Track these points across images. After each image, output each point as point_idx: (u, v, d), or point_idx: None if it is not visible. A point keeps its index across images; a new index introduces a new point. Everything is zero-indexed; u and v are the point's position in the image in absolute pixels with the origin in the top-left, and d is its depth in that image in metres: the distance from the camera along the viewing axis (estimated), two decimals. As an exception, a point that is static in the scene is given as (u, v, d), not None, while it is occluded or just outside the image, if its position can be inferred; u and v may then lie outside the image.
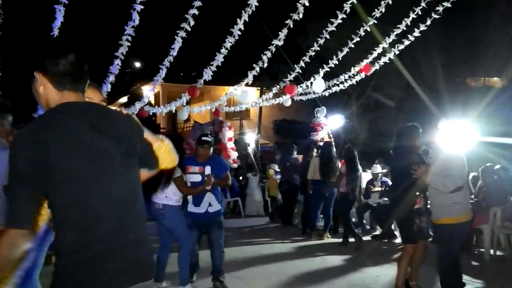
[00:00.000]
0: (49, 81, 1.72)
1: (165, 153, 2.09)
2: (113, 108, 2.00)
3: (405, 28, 7.61)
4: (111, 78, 6.68)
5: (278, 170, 12.04)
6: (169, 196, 4.94)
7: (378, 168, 9.76)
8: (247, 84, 8.25)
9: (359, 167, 8.23)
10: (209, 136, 5.35)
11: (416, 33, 7.78)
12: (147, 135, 1.99)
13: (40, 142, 1.60)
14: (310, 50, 7.59)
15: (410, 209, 4.62)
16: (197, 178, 5.18)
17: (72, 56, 1.73)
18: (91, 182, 1.68)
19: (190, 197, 5.25)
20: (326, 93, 9.56)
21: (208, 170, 5.16)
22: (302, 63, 7.87)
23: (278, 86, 8.83)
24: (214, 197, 5.25)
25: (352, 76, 9.06)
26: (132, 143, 1.84)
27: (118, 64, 6.48)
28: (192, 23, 6.13)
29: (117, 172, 1.75)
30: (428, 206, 4.64)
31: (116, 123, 1.81)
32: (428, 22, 7.54)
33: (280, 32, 6.84)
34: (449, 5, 7.00)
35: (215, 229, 5.29)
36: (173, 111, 9.03)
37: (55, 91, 1.73)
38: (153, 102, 22.14)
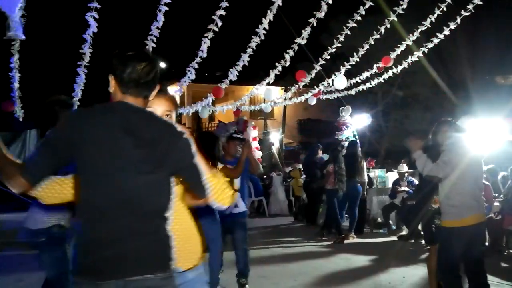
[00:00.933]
0: (117, 84, 1.95)
1: (217, 187, 1.99)
2: (159, 116, 2.07)
3: (429, 25, 7.47)
4: None
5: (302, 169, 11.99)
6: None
7: (404, 168, 9.62)
8: (269, 83, 8.23)
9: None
10: (240, 133, 5.35)
11: (446, 31, 7.64)
12: (202, 162, 1.99)
13: (73, 125, 1.87)
14: (329, 48, 7.53)
15: (430, 209, 4.52)
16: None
17: (139, 65, 1.93)
18: (101, 175, 1.83)
19: None
20: (352, 92, 9.46)
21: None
22: (322, 61, 7.80)
23: (297, 86, 8.77)
24: (241, 197, 5.25)
25: (375, 73, 8.94)
26: (159, 152, 1.88)
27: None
28: (219, 24, 6.15)
29: (127, 173, 1.84)
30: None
31: (149, 129, 1.90)
32: (458, 20, 7.40)
33: (303, 31, 6.81)
34: (479, 2, 6.82)
35: (239, 230, 5.31)
36: (199, 111, 9.10)
37: (120, 94, 1.95)
38: (178, 102, 22.29)
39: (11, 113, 7.45)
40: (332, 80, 8.46)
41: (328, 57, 7.77)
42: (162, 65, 24.27)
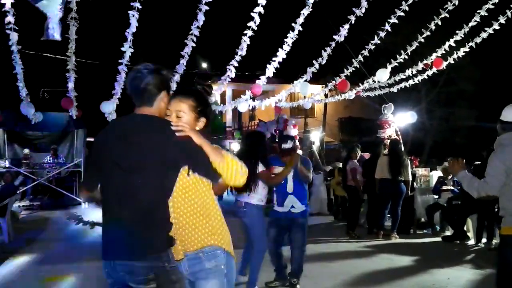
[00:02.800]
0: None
1: (228, 172, 2.28)
2: (156, 119, 2.33)
3: (478, 20, 7.23)
4: (177, 77, 6.89)
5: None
6: (252, 194, 4.96)
7: (449, 167, 9.33)
8: (307, 81, 8.17)
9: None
10: (288, 142, 5.29)
11: (496, 25, 7.37)
12: (209, 152, 2.25)
13: (97, 138, 2.40)
14: (370, 44, 7.40)
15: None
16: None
17: (130, 80, 2.34)
18: (106, 175, 2.31)
19: (275, 196, 5.36)
20: (395, 89, 9.26)
21: (291, 172, 5.18)
22: (360, 57, 7.67)
23: (333, 82, 8.66)
24: (297, 199, 5.27)
25: (421, 70, 8.72)
26: (146, 151, 2.20)
27: (183, 64, 6.66)
28: (257, 21, 6.17)
29: (121, 171, 2.22)
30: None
31: (137, 133, 2.25)
32: (509, 14, 7.13)
33: (341, 28, 6.72)
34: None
35: (296, 230, 5.31)
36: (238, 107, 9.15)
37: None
38: (219, 101, 22.55)
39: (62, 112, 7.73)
40: (374, 75, 8.31)
41: (367, 54, 7.64)
42: (204, 65, 24.60)
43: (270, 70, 7.23)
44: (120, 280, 2.26)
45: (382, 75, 8.09)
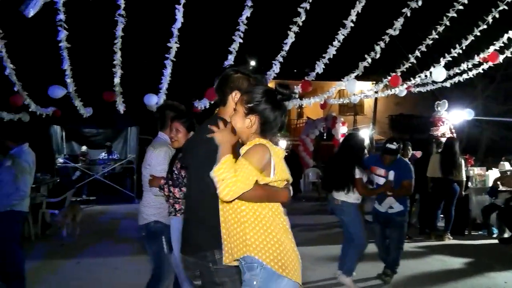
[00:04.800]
0: None
1: (220, 181, 2.05)
2: (216, 116, 2.45)
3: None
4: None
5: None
6: (349, 193, 5.19)
7: (506, 166, 8.93)
8: (358, 77, 8.04)
9: None
10: (394, 143, 5.46)
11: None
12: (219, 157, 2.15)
13: None
14: (427, 39, 7.17)
15: None
16: (381, 181, 5.48)
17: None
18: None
19: None
20: (447, 84, 8.94)
21: (391, 175, 5.37)
22: (417, 53, 7.45)
23: (386, 79, 8.46)
24: (396, 200, 5.46)
25: (477, 64, 8.36)
26: (199, 152, 2.35)
27: (231, 60, 6.73)
28: (303, 17, 6.14)
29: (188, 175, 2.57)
30: None
31: (190, 143, 2.58)
32: None
33: (395, 21, 6.56)
34: None
35: (394, 229, 5.58)
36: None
37: None
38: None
39: (114, 111, 7.99)
40: (430, 72, 8.06)
41: (425, 49, 7.42)
42: (252, 63, 24.76)
43: (320, 66, 7.18)
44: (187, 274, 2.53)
45: (439, 74, 7.81)
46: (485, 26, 7.08)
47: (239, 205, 2.16)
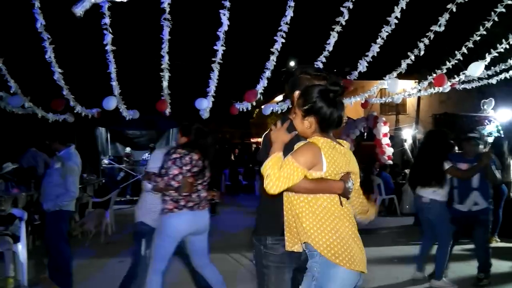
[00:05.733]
0: None
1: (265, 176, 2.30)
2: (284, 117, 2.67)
3: None
4: (268, 73, 7.00)
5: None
6: (437, 190, 5.22)
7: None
8: (401, 75, 7.85)
9: None
10: (475, 132, 5.55)
11: None
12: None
13: None
14: (475, 35, 6.93)
15: None
16: None
17: None
18: None
19: (455, 193, 5.57)
20: (493, 81, 8.60)
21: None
22: (464, 49, 7.20)
23: (431, 77, 8.21)
24: (481, 195, 5.43)
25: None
26: None
27: (273, 60, 6.73)
28: (346, 16, 6.07)
29: None
30: None
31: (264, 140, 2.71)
32: None
33: (440, 17, 6.37)
34: None
35: (478, 227, 5.53)
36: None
37: None
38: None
39: (158, 113, 8.12)
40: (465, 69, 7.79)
41: (472, 45, 7.16)
42: (292, 63, 24.72)
43: (363, 64, 7.07)
44: None
45: (476, 69, 7.51)
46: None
47: (295, 197, 2.34)
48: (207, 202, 4.15)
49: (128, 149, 14.56)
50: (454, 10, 6.14)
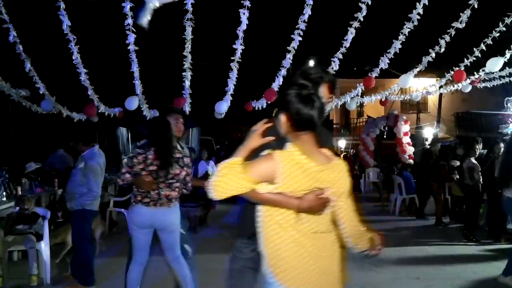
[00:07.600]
0: None
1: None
2: None
3: None
4: (283, 71, 7.00)
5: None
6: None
7: None
8: (422, 72, 7.75)
9: None
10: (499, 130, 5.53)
11: None
12: None
13: None
14: (494, 31, 6.80)
15: None
16: None
17: None
18: None
19: None
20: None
21: None
22: (483, 46, 7.08)
23: (449, 74, 8.09)
24: None
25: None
26: None
27: (289, 58, 6.73)
28: (364, 12, 6.04)
29: None
30: None
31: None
32: None
33: (461, 14, 6.27)
34: None
35: None
36: (346, 103, 9.04)
37: None
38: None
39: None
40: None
41: (491, 42, 7.04)
42: (311, 63, 24.63)
43: (384, 61, 7.00)
44: None
45: (494, 65, 7.36)
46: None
47: (257, 206, 2.26)
48: (169, 201, 4.20)
49: (147, 149, 14.70)
50: (476, 6, 6.05)
